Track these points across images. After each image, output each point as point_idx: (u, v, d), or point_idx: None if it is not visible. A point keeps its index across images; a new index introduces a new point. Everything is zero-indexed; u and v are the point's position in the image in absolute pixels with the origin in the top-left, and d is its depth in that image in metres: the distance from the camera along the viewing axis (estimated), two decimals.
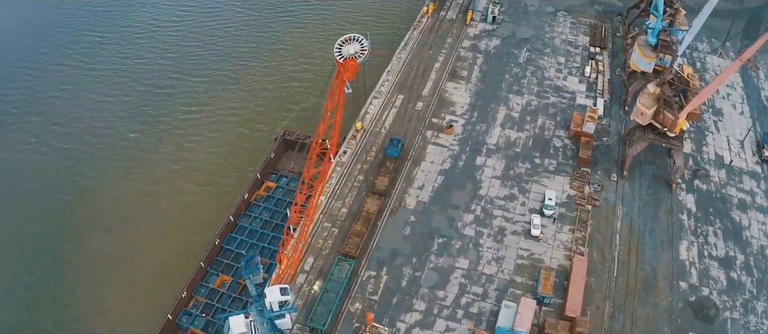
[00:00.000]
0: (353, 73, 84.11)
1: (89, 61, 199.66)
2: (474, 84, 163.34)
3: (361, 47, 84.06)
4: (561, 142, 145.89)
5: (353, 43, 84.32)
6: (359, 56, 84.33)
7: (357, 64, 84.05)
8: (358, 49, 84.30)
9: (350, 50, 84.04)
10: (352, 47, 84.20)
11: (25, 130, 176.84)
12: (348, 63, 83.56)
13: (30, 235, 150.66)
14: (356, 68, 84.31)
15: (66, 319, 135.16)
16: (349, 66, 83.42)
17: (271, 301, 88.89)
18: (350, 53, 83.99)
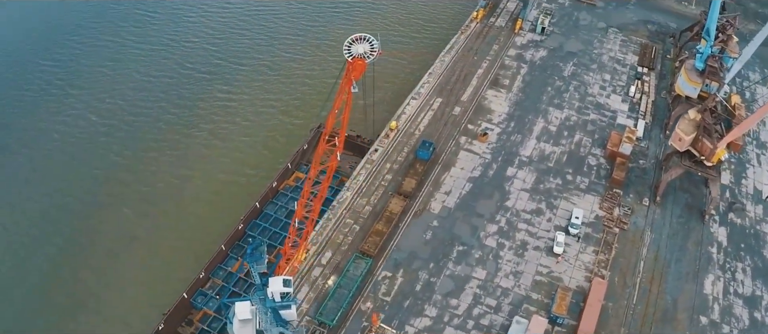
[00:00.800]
0: (361, 73, 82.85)
1: (137, 40, 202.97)
2: (515, 94, 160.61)
3: (370, 47, 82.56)
4: (596, 160, 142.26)
5: (363, 43, 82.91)
6: (368, 56, 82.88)
7: (365, 64, 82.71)
8: (368, 50, 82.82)
9: (359, 49, 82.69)
10: (362, 47, 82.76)
11: (67, 101, 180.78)
12: (356, 62, 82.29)
13: (55, 204, 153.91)
14: (364, 68, 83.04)
15: (81, 291, 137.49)
16: (356, 65, 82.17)
17: (273, 291, 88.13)
18: (359, 52, 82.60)
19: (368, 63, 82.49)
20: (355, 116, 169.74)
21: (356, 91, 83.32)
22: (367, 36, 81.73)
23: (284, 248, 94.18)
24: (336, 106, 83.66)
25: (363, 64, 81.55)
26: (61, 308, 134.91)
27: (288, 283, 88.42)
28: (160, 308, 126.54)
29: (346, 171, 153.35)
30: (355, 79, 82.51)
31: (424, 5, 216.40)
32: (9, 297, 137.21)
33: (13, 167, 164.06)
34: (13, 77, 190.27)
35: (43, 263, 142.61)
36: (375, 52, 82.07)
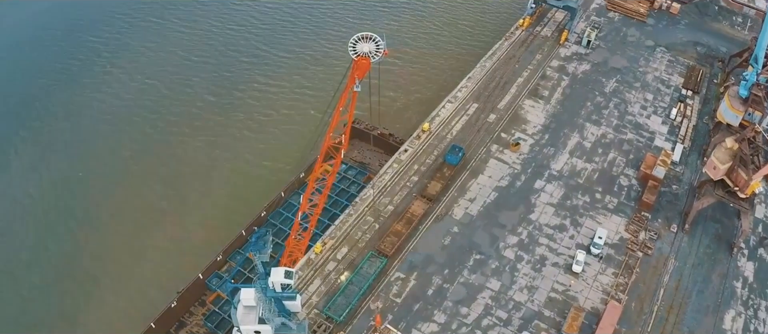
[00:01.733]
0: (364, 72, 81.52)
1: (182, 22, 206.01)
2: (553, 106, 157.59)
3: (376, 47, 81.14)
4: (628, 181, 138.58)
5: (369, 42, 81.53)
6: (374, 56, 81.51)
7: (369, 64, 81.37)
8: (373, 49, 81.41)
9: (364, 48, 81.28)
10: (367, 46, 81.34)
11: (110, 75, 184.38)
12: (360, 61, 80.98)
13: (87, 174, 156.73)
14: (368, 67, 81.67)
15: (103, 259, 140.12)
16: (360, 64, 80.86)
17: (273, 281, 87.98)
18: (364, 51, 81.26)
19: (373, 63, 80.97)
20: (388, 115, 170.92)
21: (358, 90, 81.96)
22: (373, 35, 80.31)
23: (288, 240, 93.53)
24: (340, 104, 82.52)
25: (367, 63, 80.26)
26: (84, 275, 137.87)
27: (290, 275, 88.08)
28: (176, 285, 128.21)
29: (376, 168, 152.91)
30: (359, 78, 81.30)
31: (472, 10, 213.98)
32: (36, 260, 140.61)
33: (51, 136, 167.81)
34: (63, 49, 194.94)
35: (67, 232, 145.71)
36: (380, 52, 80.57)
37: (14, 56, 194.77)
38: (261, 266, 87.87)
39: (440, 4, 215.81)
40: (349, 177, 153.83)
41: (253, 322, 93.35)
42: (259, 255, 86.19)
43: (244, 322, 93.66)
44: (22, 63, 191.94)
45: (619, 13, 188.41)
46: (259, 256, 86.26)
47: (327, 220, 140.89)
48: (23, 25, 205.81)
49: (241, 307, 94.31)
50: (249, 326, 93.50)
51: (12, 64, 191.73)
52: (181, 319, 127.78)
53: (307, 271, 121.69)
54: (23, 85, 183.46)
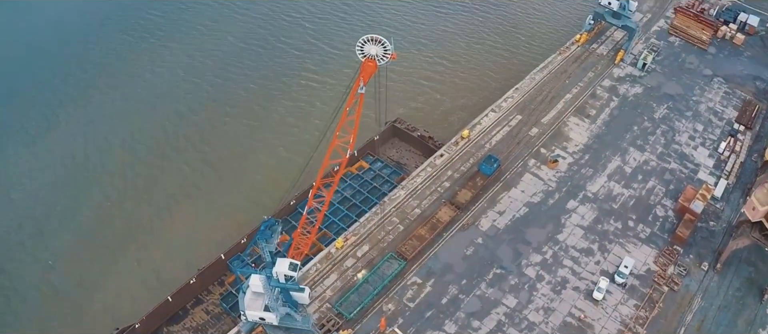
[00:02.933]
0: (369, 75, 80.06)
1: (240, 7, 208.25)
2: (598, 126, 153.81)
3: (383, 50, 79.52)
4: (664, 212, 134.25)
5: (377, 45, 79.89)
6: (381, 60, 79.96)
7: (375, 66, 79.86)
8: (380, 52, 79.76)
9: (372, 51, 79.64)
10: (374, 48, 79.68)
11: (161, 51, 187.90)
12: (367, 63, 79.54)
13: (123, 147, 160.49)
14: (374, 70, 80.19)
15: (132, 229, 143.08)
16: (366, 66, 79.42)
17: (278, 271, 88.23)
18: (371, 54, 79.67)
19: (380, 66, 79.58)
20: (431, 118, 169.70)
21: (363, 91, 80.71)
22: (381, 38, 78.87)
23: (294, 233, 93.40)
24: (348, 104, 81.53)
25: (373, 66, 78.87)
26: (111, 242, 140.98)
27: (294, 267, 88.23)
28: (199, 262, 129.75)
29: (411, 169, 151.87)
30: (364, 81, 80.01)
31: (530, 21, 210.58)
32: (67, 224, 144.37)
33: (101, 103, 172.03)
34: (121, 21, 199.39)
35: (102, 198, 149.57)
36: (388, 55, 79.07)
37: (79, 21, 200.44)
38: (268, 254, 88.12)
39: (499, 13, 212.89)
40: (383, 176, 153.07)
41: (259, 309, 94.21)
42: (266, 244, 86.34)
43: (251, 308, 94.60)
44: (84, 28, 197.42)
45: (680, 38, 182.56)
46: (266, 245, 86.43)
47: (355, 216, 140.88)
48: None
49: (249, 292, 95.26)
50: (255, 312, 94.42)
51: (77, 28, 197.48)
52: (199, 296, 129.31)
53: (325, 264, 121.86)
54: (81, 50, 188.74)
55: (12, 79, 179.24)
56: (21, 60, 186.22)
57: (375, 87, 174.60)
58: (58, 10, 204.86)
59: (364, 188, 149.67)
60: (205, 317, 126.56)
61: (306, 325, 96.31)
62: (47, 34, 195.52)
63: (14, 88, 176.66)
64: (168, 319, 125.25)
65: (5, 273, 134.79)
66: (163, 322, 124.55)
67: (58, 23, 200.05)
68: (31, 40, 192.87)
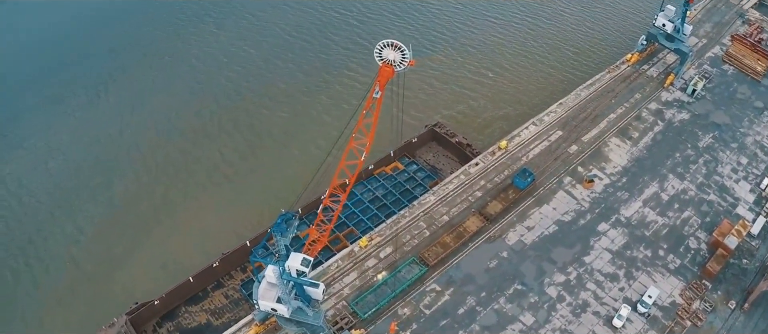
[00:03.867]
0: (386, 80, 79.39)
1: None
2: (639, 149, 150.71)
3: (401, 56, 78.55)
4: (697, 244, 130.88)
5: (396, 51, 78.88)
6: (399, 66, 79.15)
7: (393, 72, 79.12)
8: (398, 58, 78.83)
9: (390, 56, 78.75)
10: (393, 54, 78.73)
11: (211, 36, 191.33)
12: (384, 68, 78.83)
13: (159, 129, 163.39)
14: (391, 75, 79.47)
15: (163, 209, 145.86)
16: (383, 71, 78.75)
17: (290, 265, 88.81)
18: (389, 59, 78.84)
19: (398, 72, 78.91)
20: (472, 126, 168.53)
21: (377, 96, 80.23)
22: (400, 45, 78.00)
23: (310, 230, 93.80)
24: (366, 107, 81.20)
25: (390, 71, 78.27)
26: (140, 221, 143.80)
27: (306, 263, 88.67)
28: (225, 246, 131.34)
29: (446, 175, 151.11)
30: (380, 85, 79.48)
31: (581, 37, 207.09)
32: (97, 199, 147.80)
33: (142, 84, 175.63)
34: (174, 3, 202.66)
35: (135, 177, 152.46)
36: (405, 62, 78.27)
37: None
38: (283, 248, 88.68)
39: (551, 26, 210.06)
40: (416, 178, 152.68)
41: (272, 300, 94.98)
42: (281, 237, 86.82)
43: (264, 298, 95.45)
44: (140, 6, 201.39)
45: (734, 66, 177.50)
46: (282, 238, 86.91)
47: (383, 216, 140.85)
48: None
49: (264, 282, 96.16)
50: (268, 303, 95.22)
51: (132, 5, 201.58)
52: (220, 280, 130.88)
53: (346, 262, 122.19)
54: (133, 28, 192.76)
55: (64, 52, 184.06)
56: (73, 33, 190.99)
57: (414, 91, 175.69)
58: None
59: (396, 189, 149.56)
60: (224, 301, 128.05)
61: (317, 321, 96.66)
62: (103, 9, 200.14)
63: (64, 61, 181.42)
64: (187, 299, 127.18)
65: (32, 242, 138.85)
66: (182, 302, 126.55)
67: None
68: (87, 14, 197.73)
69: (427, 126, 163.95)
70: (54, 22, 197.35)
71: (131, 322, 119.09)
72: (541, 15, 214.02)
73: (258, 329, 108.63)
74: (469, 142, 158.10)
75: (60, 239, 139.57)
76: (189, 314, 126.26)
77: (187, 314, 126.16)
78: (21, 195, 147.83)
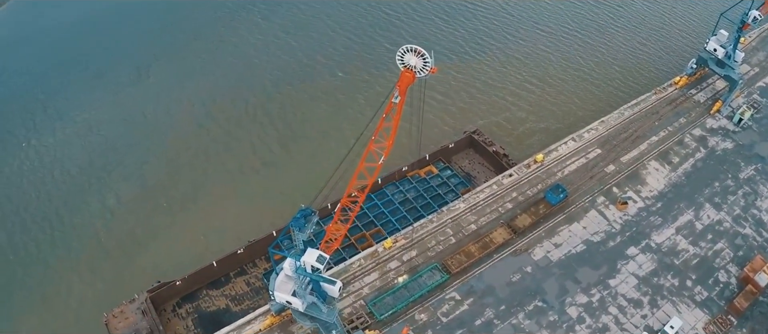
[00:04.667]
0: (406, 85, 78.83)
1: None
2: (678, 175, 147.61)
3: (423, 63, 78.04)
4: (726, 278, 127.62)
5: (418, 57, 78.37)
6: (420, 72, 78.61)
7: (413, 77, 78.62)
8: (420, 65, 78.30)
9: (411, 61, 78.27)
10: (414, 59, 78.21)
11: (260, 24, 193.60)
12: (405, 73, 78.37)
13: (201, 111, 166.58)
14: (411, 81, 78.96)
15: (196, 192, 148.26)
16: (404, 76, 78.30)
17: (306, 261, 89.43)
18: (411, 64, 78.41)
19: (418, 78, 78.39)
20: (513, 136, 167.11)
21: (396, 101, 79.80)
22: (422, 51, 77.31)
23: (328, 227, 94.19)
24: (386, 111, 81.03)
25: (411, 77, 77.82)
26: (173, 201, 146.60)
27: (322, 260, 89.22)
28: (253, 234, 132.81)
29: (479, 183, 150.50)
30: (400, 89, 79.03)
31: (630, 55, 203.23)
32: (134, 177, 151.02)
33: (189, 65, 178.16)
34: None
35: (170, 158, 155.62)
36: (427, 69, 77.64)
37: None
38: (300, 242, 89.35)
39: (601, 42, 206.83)
40: (449, 184, 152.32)
41: (288, 292, 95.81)
42: (299, 232, 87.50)
43: (280, 290, 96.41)
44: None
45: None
46: (299, 233, 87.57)
47: (412, 219, 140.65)
48: None
49: (282, 274, 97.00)
50: (283, 295, 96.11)
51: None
52: (244, 267, 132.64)
53: (369, 262, 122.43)
54: (178, 14, 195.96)
55: (110, 30, 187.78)
56: (123, 12, 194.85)
57: (455, 96, 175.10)
58: None
59: (427, 193, 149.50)
60: (245, 289, 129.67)
61: (330, 318, 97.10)
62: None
63: (110, 39, 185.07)
64: (209, 283, 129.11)
65: (59, 216, 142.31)
66: (204, 285, 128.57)
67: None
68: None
69: (465, 132, 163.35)
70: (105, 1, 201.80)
71: (151, 299, 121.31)
72: (591, 29, 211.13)
73: (273, 320, 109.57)
74: (506, 152, 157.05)
75: (87, 214, 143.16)
76: (209, 298, 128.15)
77: (208, 298, 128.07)
78: (54, 168, 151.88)
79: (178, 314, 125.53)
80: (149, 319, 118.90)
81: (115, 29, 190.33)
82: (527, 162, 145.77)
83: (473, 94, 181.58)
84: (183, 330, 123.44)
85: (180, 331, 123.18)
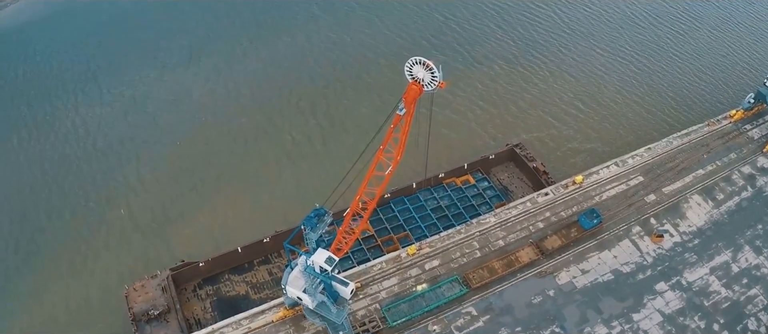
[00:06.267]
0: (412, 98, 76.93)
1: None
2: (720, 213, 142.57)
3: (431, 76, 75.78)
4: (755, 325, 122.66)
5: (427, 70, 75.91)
6: (428, 86, 76.60)
7: (420, 91, 76.72)
8: (428, 78, 76.05)
9: (419, 74, 76.09)
10: (422, 72, 75.95)
11: (315, 18, 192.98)
12: (412, 85, 76.64)
13: (246, 95, 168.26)
14: (417, 94, 77.09)
15: (231, 176, 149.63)
16: (410, 89, 76.59)
17: (315, 260, 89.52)
18: (419, 77, 76.30)
19: (427, 92, 76.65)
20: (556, 152, 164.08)
21: (401, 113, 78.18)
22: (430, 64, 75.09)
23: (339, 230, 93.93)
24: (394, 123, 79.82)
25: (417, 90, 76.08)
26: (205, 186, 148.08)
27: (330, 261, 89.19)
28: (279, 225, 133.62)
29: (515, 198, 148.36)
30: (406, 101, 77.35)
31: (687, 83, 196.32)
32: (174, 150, 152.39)
33: (234, 51, 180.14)
34: None
35: (207, 140, 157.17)
36: (435, 82, 75.56)
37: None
38: (312, 241, 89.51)
39: (658, 67, 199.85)
40: (484, 196, 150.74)
41: (300, 289, 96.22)
42: (311, 231, 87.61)
43: (293, 285, 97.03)
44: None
45: None
46: (311, 232, 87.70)
47: (442, 227, 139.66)
48: None
49: (296, 270, 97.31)
50: (295, 290, 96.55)
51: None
52: (269, 256, 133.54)
53: (390, 266, 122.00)
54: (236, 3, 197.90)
55: (172, 11, 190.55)
56: None
57: (501, 106, 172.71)
58: None
59: (461, 203, 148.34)
60: (267, 278, 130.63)
61: (339, 319, 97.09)
62: None
63: (173, 19, 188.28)
64: (232, 268, 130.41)
65: (103, 178, 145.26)
66: (227, 269, 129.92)
67: None
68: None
69: (507, 144, 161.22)
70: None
71: (173, 278, 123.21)
72: (649, 54, 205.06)
73: (286, 313, 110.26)
74: (547, 169, 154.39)
75: (122, 187, 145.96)
76: (230, 282, 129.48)
77: (229, 282, 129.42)
78: (96, 138, 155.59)
79: (198, 295, 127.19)
80: (167, 296, 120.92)
81: (173, 10, 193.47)
82: (565, 182, 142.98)
83: (520, 106, 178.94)
84: (200, 311, 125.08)
85: (197, 312, 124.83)
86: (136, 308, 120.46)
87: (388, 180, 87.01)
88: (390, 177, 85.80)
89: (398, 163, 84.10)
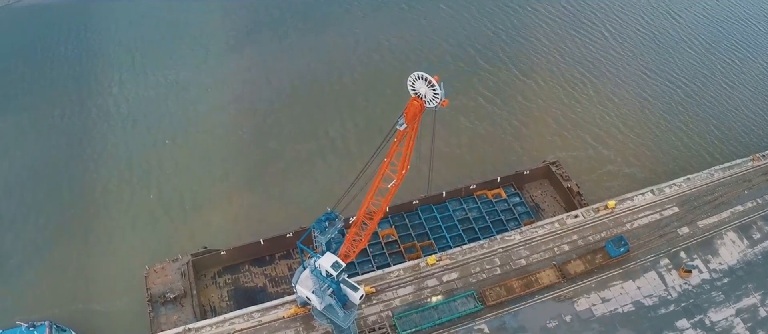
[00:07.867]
0: (413, 114, 75.48)
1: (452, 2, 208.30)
2: (755, 253, 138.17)
3: (433, 93, 74.14)
4: None
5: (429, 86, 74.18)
6: (430, 102, 75.05)
7: (422, 106, 75.25)
8: (430, 95, 74.40)
9: (421, 90, 74.59)
10: (424, 88, 74.29)
11: (360, 19, 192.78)
12: (413, 101, 75.27)
13: (288, 89, 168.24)
14: (419, 110, 75.68)
15: (265, 166, 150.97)
16: (411, 104, 75.24)
17: (321, 264, 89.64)
18: (421, 93, 74.83)
19: (428, 108, 75.35)
20: (594, 174, 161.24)
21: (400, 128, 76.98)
22: (432, 80, 73.44)
23: (347, 236, 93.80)
24: (397, 137, 78.92)
25: (418, 106, 74.80)
26: (240, 175, 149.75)
27: (337, 266, 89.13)
28: (305, 222, 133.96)
29: (545, 217, 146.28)
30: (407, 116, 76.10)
31: (734, 115, 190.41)
32: (212, 136, 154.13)
33: (287, 43, 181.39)
34: None
35: (240, 133, 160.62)
36: (437, 99, 74.06)
37: None
38: (322, 245, 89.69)
39: (705, 97, 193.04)
40: (514, 212, 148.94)
41: (309, 289, 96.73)
42: (320, 235, 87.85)
43: (302, 284, 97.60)
44: None
45: None
46: (319, 236, 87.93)
47: (467, 239, 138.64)
48: None
49: (308, 269, 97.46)
50: (304, 290, 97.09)
51: None
52: (290, 251, 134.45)
53: (408, 274, 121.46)
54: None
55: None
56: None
57: (540, 123, 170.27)
58: None
59: (490, 216, 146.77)
60: (286, 272, 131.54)
61: (345, 323, 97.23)
62: None
63: (219, 7, 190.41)
64: (253, 259, 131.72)
65: (137, 157, 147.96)
66: (248, 260, 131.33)
67: None
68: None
69: (544, 161, 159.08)
70: None
71: (193, 263, 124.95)
72: (698, 81, 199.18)
73: (297, 311, 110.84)
74: (581, 191, 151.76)
75: (155, 168, 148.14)
76: (250, 274, 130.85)
77: (248, 273, 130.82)
78: (138, 118, 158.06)
79: (216, 282, 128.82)
80: (186, 281, 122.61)
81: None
82: (597, 206, 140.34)
83: (561, 123, 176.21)
84: (217, 299, 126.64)
85: (213, 299, 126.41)
86: (154, 289, 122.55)
87: (393, 193, 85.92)
88: (395, 191, 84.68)
89: (403, 177, 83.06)
